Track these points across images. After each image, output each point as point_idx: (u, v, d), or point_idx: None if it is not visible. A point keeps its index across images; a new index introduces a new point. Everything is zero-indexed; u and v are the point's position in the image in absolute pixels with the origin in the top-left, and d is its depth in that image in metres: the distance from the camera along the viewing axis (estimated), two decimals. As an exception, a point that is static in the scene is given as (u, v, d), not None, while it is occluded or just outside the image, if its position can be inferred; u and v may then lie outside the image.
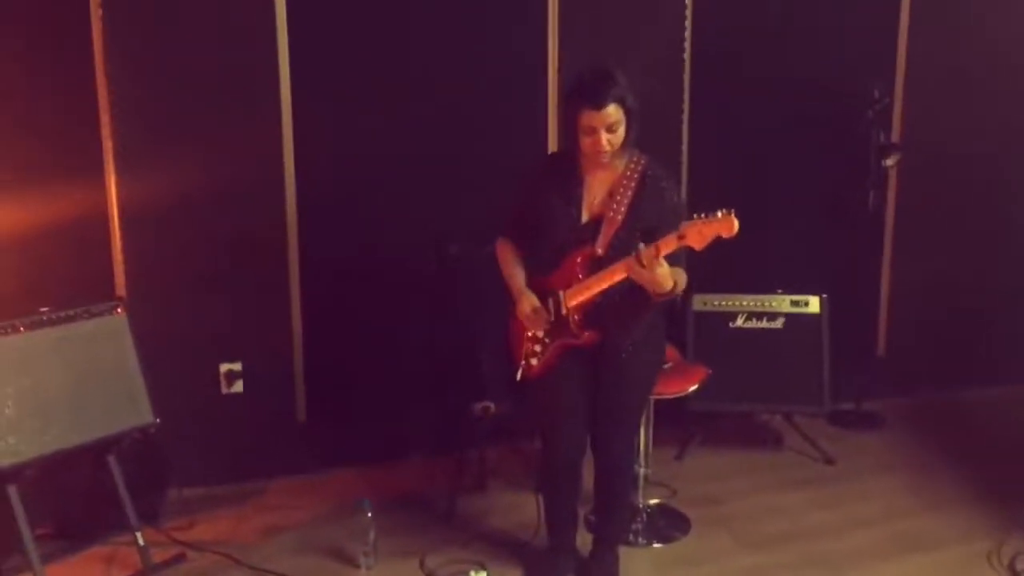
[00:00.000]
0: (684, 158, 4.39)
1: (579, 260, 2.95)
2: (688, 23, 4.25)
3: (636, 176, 2.94)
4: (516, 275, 3.11)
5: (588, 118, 2.83)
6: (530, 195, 3.08)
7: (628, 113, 2.85)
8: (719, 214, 2.68)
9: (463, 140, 4.03)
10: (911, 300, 4.78)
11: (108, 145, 3.59)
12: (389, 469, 4.06)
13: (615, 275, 2.85)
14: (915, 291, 4.76)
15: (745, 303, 4.18)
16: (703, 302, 4.14)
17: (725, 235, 2.68)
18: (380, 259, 3.98)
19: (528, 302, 3.03)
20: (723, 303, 4.16)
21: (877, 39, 4.57)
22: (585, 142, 2.87)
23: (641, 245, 2.76)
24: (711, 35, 4.29)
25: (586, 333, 2.99)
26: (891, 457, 4.23)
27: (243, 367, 3.88)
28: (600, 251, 2.91)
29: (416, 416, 4.10)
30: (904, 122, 4.63)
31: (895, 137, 4.59)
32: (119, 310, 3.29)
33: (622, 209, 2.91)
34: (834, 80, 4.43)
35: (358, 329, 4.02)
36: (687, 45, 4.27)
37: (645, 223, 2.85)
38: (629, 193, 2.92)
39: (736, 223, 2.66)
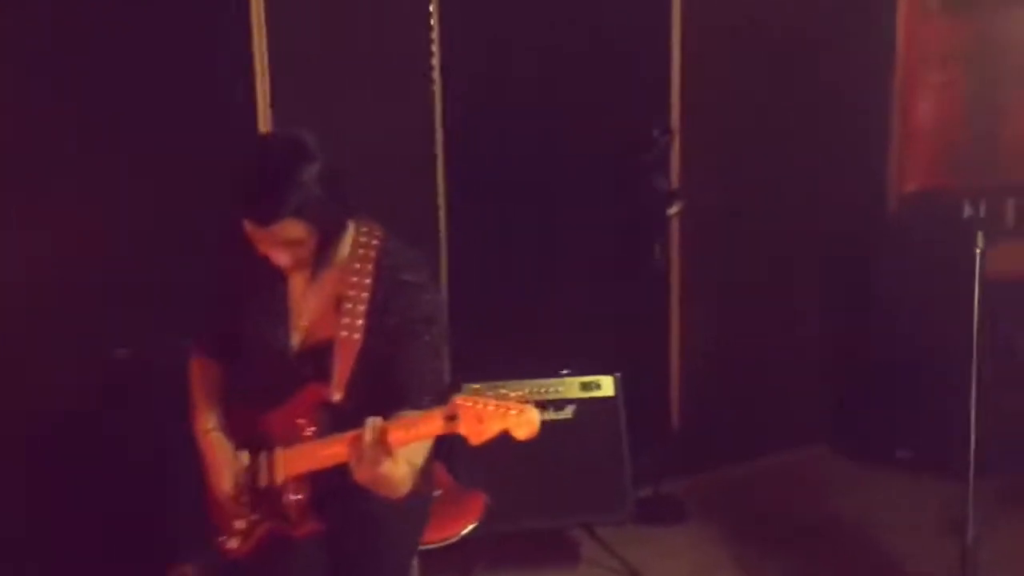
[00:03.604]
0: (442, 218, 3.61)
1: (305, 405, 2.01)
2: (436, 71, 3.49)
3: (370, 269, 2.03)
4: (204, 414, 2.14)
5: (253, 232, 1.93)
6: (223, 296, 2.15)
7: (320, 217, 1.93)
8: (510, 395, 1.82)
9: (132, 203, 2.95)
10: (702, 363, 4.25)
11: None
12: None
13: (342, 454, 1.90)
14: (706, 352, 4.24)
15: (526, 391, 3.40)
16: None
17: (519, 436, 1.81)
18: (16, 379, 2.84)
19: (226, 469, 2.06)
20: (498, 395, 3.37)
21: (653, 74, 4.01)
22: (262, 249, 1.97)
23: (371, 421, 1.82)
24: (465, 81, 3.55)
25: (309, 524, 2.05)
26: (701, 556, 3.62)
27: None
28: (337, 396, 1.98)
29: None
30: (683, 165, 4.09)
31: (675, 183, 4.06)
32: None
33: (358, 324, 1.99)
34: (611, 123, 3.84)
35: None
36: (436, 89, 3.51)
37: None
38: (365, 296, 2.00)
39: (537, 421, 1.79)
